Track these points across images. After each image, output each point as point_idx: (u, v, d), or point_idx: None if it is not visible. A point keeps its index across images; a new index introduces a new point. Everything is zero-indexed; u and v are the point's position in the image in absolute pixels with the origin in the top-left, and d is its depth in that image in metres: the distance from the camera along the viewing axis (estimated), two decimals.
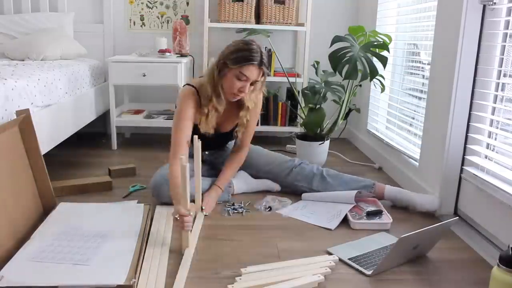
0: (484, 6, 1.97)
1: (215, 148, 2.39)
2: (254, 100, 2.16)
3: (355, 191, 2.16)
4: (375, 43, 2.63)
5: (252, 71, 1.94)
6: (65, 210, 1.97)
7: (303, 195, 2.32)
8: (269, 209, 2.15)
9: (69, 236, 1.73)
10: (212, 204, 2.11)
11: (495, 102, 1.97)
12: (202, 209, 2.04)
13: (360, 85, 2.90)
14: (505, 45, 1.93)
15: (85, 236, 1.73)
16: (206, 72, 2.13)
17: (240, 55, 1.94)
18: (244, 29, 2.92)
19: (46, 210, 1.97)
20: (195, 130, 2.08)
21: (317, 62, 2.95)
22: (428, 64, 2.43)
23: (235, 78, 1.96)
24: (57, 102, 2.43)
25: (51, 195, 2.00)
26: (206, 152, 2.39)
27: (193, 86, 2.08)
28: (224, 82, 2.00)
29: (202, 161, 2.09)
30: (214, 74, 2.01)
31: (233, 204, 2.17)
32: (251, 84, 1.99)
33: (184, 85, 2.15)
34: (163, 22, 3.53)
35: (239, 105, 2.14)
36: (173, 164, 1.93)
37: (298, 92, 3.12)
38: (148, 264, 1.59)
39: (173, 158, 1.95)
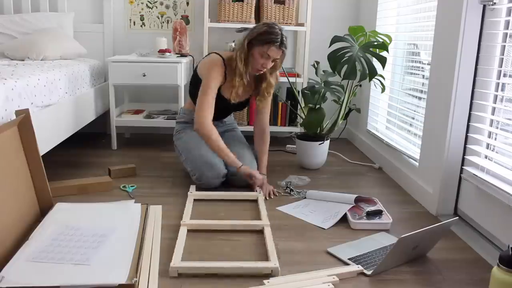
0: (484, 6, 1.97)
1: (217, 118, 2.52)
2: (274, 80, 2.48)
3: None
4: (375, 43, 2.63)
5: (274, 51, 2.27)
6: (62, 210, 1.96)
7: (308, 193, 2.33)
8: (289, 183, 2.48)
9: (68, 236, 1.72)
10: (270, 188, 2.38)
11: (495, 102, 1.97)
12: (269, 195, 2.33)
13: (360, 85, 2.90)
14: (505, 45, 1.93)
15: (84, 236, 1.72)
16: (235, 48, 2.42)
17: (265, 37, 2.26)
18: (244, 29, 2.91)
19: (42, 210, 1.97)
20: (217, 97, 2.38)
21: (317, 62, 2.95)
22: (428, 64, 2.43)
23: (259, 55, 2.29)
24: (57, 102, 2.43)
25: (48, 196, 2.00)
26: None
27: (220, 56, 2.39)
28: (251, 58, 2.32)
29: None
30: (244, 51, 2.31)
31: (290, 187, 2.44)
32: (272, 61, 2.33)
33: (211, 53, 2.46)
34: (163, 22, 3.53)
35: (258, 78, 2.46)
36: (205, 126, 2.31)
37: (298, 92, 3.12)
38: (146, 263, 1.59)
39: (207, 118, 2.32)
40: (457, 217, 1.90)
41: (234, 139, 2.62)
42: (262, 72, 2.37)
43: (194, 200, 2.22)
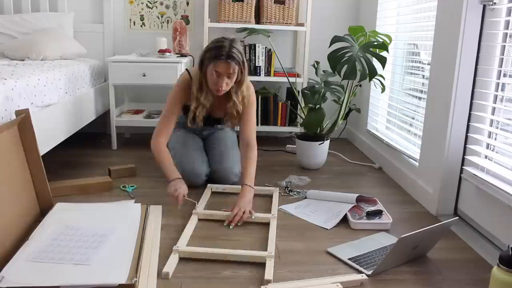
0: (484, 6, 1.97)
1: (207, 125, 2.54)
2: (243, 94, 2.31)
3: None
4: (375, 43, 2.63)
5: (222, 66, 2.12)
6: (62, 210, 1.96)
7: (308, 193, 2.33)
8: (289, 183, 2.47)
9: (68, 236, 1.72)
10: (249, 207, 2.06)
11: (495, 102, 1.97)
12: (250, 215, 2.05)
13: (360, 85, 2.91)
14: (505, 45, 1.93)
15: (84, 236, 1.72)
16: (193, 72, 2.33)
17: (210, 54, 2.15)
18: (244, 29, 2.92)
19: (42, 210, 1.98)
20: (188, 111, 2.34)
21: (317, 62, 2.95)
22: (428, 64, 2.43)
23: (210, 74, 2.17)
24: (57, 102, 2.43)
25: (48, 196, 2.00)
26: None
27: (188, 73, 2.33)
28: (206, 78, 2.22)
29: (194, 133, 2.55)
30: (196, 74, 2.25)
31: (289, 189, 2.43)
32: (228, 77, 2.17)
33: (186, 69, 2.38)
34: (163, 22, 3.53)
35: (228, 97, 2.31)
36: (159, 139, 2.27)
37: (298, 92, 3.12)
38: (146, 263, 1.60)
39: (159, 134, 2.29)
40: (457, 217, 1.90)
41: (220, 138, 2.60)
42: (222, 91, 2.20)
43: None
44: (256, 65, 3.30)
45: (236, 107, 2.32)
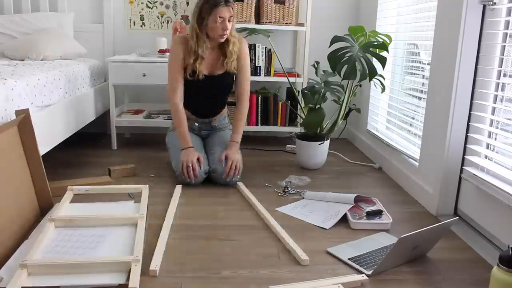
0: (484, 6, 1.97)
1: (205, 114, 2.68)
2: (234, 36, 2.49)
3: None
4: (375, 43, 2.63)
5: (224, 11, 2.33)
6: (62, 210, 1.96)
7: (306, 194, 2.33)
8: (289, 183, 2.47)
9: (67, 236, 1.73)
10: (239, 158, 2.45)
11: (495, 102, 1.97)
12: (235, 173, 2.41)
13: (360, 85, 2.90)
14: (505, 45, 1.93)
15: (82, 236, 1.73)
16: (188, 28, 2.51)
17: (208, 4, 2.33)
18: (244, 29, 2.92)
19: (42, 210, 1.98)
20: (189, 84, 2.49)
21: (317, 62, 2.95)
22: (428, 64, 2.43)
23: (214, 22, 2.35)
24: (57, 102, 2.43)
25: (48, 196, 2.00)
26: (196, 124, 2.69)
27: (184, 36, 2.50)
28: (208, 30, 2.39)
29: (193, 132, 2.61)
30: (196, 27, 2.39)
31: (288, 187, 2.43)
32: (229, 20, 2.38)
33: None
34: (163, 22, 3.53)
35: (224, 51, 2.50)
36: (174, 99, 2.48)
37: (298, 92, 3.12)
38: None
39: (173, 92, 2.49)
40: (457, 217, 1.90)
41: (220, 138, 2.65)
42: (226, 35, 2.41)
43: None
44: (256, 65, 3.30)
45: (235, 45, 2.48)
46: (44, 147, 2.17)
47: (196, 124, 2.69)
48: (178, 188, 2.35)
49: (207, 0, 2.34)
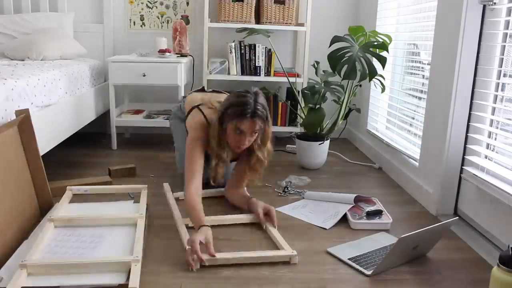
0: (484, 6, 1.97)
1: None
2: (264, 156, 2.09)
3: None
4: (375, 43, 2.63)
5: (246, 124, 1.92)
6: (62, 210, 1.96)
7: (306, 194, 2.33)
8: (289, 183, 2.47)
9: (66, 236, 1.73)
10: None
11: (495, 102, 1.97)
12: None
13: (360, 85, 2.90)
14: (505, 45, 1.93)
15: (82, 237, 1.73)
16: (212, 112, 2.10)
17: (233, 110, 1.93)
18: (244, 29, 2.91)
19: (42, 210, 1.98)
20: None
21: (317, 62, 2.95)
22: (428, 64, 2.43)
23: (233, 132, 1.96)
24: (57, 102, 2.43)
25: (48, 196, 2.00)
26: None
27: (204, 117, 2.12)
28: (227, 136, 2.01)
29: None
30: (215, 128, 2.01)
31: (288, 187, 2.41)
32: (251, 135, 1.97)
33: (194, 108, 2.19)
34: (163, 22, 3.52)
35: (248, 150, 2.08)
36: (190, 188, 1.93)
37: (298, 92, 3.12)
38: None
39: (189, 184, 1.94)
40: (457, 217, 1.90)
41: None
42: (242, 149, 2.02)
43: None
44: (256, 65, 3.30)
45: (261, 163, 2.09)
46: (44, 147, 2.17)
47: None
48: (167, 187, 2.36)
49: (234, 103, 1.94)
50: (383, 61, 2.53)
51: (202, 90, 2.60)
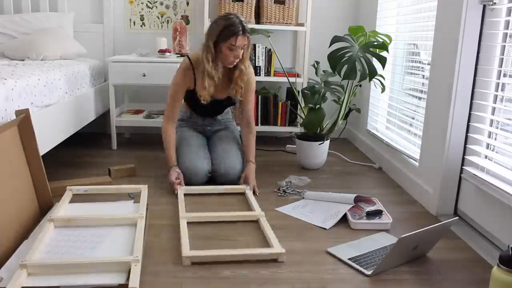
0: (484, 6, 1.97)
1: (209, 115, 2.71)
2: (246, 68, 2.47)
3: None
4: (375, 43, 2.63)
5: (239, 41, 2.31)
6: (62, 210, 1.96)
7: (306, 194, 2.33)
8: (289, 183, 2.51)
9: (66, 236, 1.72)
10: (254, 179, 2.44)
11: (495, 102, 1.97)
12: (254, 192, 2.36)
13: (360, 85, 2.90)
14: (505, 45, 1.93)
15: (82, 236, 1.72)
16: (201, 50, 2.42)
17: (227, 31, 2.29)
18: None
19: (42, 210, 1.97)
20: (194, 98, 2.50)
21: (317, 62, 2.95)
22: (428, 64, 2.43)
23: (228, 49, 2.32)
24: (57, 102, 2.43)
25: (48, 196, 2.00)
26: (201, 119, 2.70)
27: (189, 60, 2.46)
28: (221, 56, 2.36)
29: (196, 131, 2.68)
30: (210, 51, 2.35)
31: (283, 191, 2.42)
32: (241, 48, 2.36)
33: (184, 57, 2.53)
34: (163, 22, 3.53)
35: (230, 76, 2.49)
36: (167, 124, 2.52)
37: (298, 92, 3.12)
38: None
39: (167, 119, 2.52)
40: (457, 217, 1.90)
41: (223, 137, 2.64)
42: (235, 62, 2.40)
43: (185, 195, 2.28)
44: (256, 65, 3.30)
45: (242, 75, 2.45)
46: (44, 147, 2.17)
47: (201, 119, 2.71)
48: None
49: (225, 26, 2.30)
50: (383, 61, 2.53)
51: None
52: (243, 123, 2.61)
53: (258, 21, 3.30)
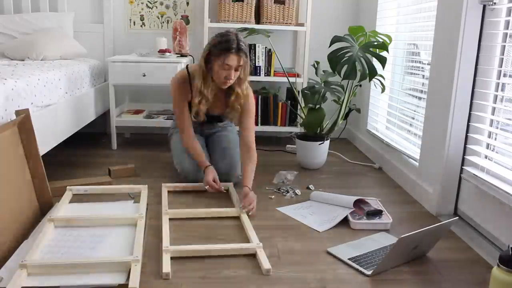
0: (484, 6, 1.97)
1: (208, 123, 2.61)
2: (243, 92, 2.36)
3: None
4: (375, 43, 2.63)
5: (232, 59, 2.19)
6: (62, 210, 1.96)
7: (311, 195, 2.32)
8: (285, 179, 2.51)
9: (66, 236, 1.73)
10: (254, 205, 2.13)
11: (495, 102, 1.97)
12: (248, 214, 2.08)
13: (360, 85, 2.90)
14: (505, 45, 1.93)
15: (82, 237, 1.73)
16: (197, 65, 2.36)
17: (219, 46, 2.19)
18: (244, 29, 2.91)
19: (42, 210, 1.97)
20: (191, 109, 2.39)
21: (317, 62, 2.95)
22: (428, 64, 2.43)
23: (219, 67, 2.22)
24: (57, 102, 2.43)
25: (48, 196, 2.00)
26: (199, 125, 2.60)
27: (187, 71, 2.39)
28: (213, 73, 2.26)
29: (195, 132, 2.50)
30: (201, 68, 2.28)
31: (280, 189, 2.42)
32: (236, 69, 2.24)
33: (182, 69, 2.45)
34: (163, 22, 3.52)
35: (228, 93, 2.37)
36: (186, 137, 2.42)
37: (298, 92, 3.12)
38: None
39: (182, 132, 2.43)
40: (457, 217, 1.90)
41: (223, 137, 2.61)
42: (229, 84, 2.28)
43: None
44: (256, 65, 3.30)
45: (239, 99, 2.36)
46: (44, 147, 2.17)
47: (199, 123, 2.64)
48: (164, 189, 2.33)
49: (219, 42, 2.20)
50: (383, 61, 2.53)
51: None
52: (243, 148, 2.38)
53: (258, 21, 3.30)
